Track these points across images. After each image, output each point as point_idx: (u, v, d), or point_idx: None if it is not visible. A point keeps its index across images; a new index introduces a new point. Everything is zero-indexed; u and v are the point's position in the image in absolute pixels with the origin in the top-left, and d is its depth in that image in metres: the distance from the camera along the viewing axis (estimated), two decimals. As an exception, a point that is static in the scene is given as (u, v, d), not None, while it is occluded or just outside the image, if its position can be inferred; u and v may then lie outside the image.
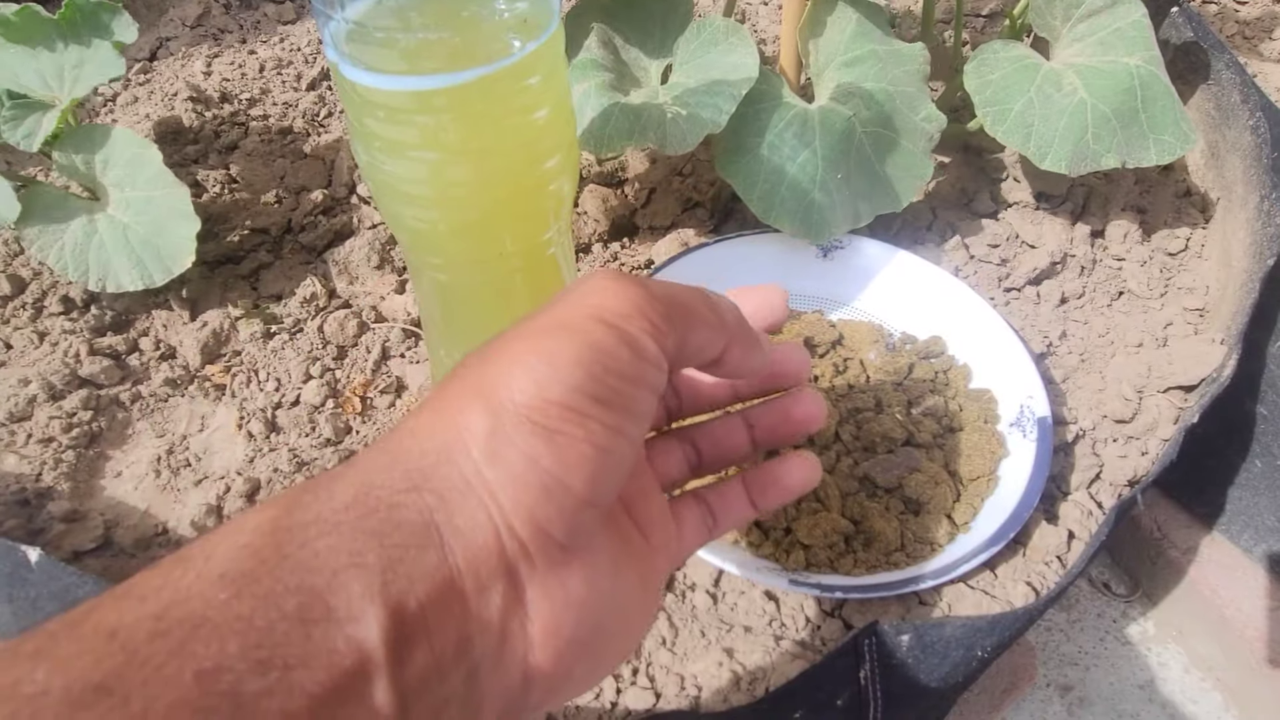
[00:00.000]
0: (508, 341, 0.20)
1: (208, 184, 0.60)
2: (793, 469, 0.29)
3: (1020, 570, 0.41)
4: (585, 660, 0.21)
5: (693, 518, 0.28)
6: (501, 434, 0.19)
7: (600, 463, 0.20)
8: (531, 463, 0.19)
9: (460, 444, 0.19)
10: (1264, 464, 0.49)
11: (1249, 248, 0.50)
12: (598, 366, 0.19)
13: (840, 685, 0.34)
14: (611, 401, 0.20)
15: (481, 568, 0.19)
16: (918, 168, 0.51)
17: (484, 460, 0.19)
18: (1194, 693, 0.53)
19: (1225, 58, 0.56)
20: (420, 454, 0.19)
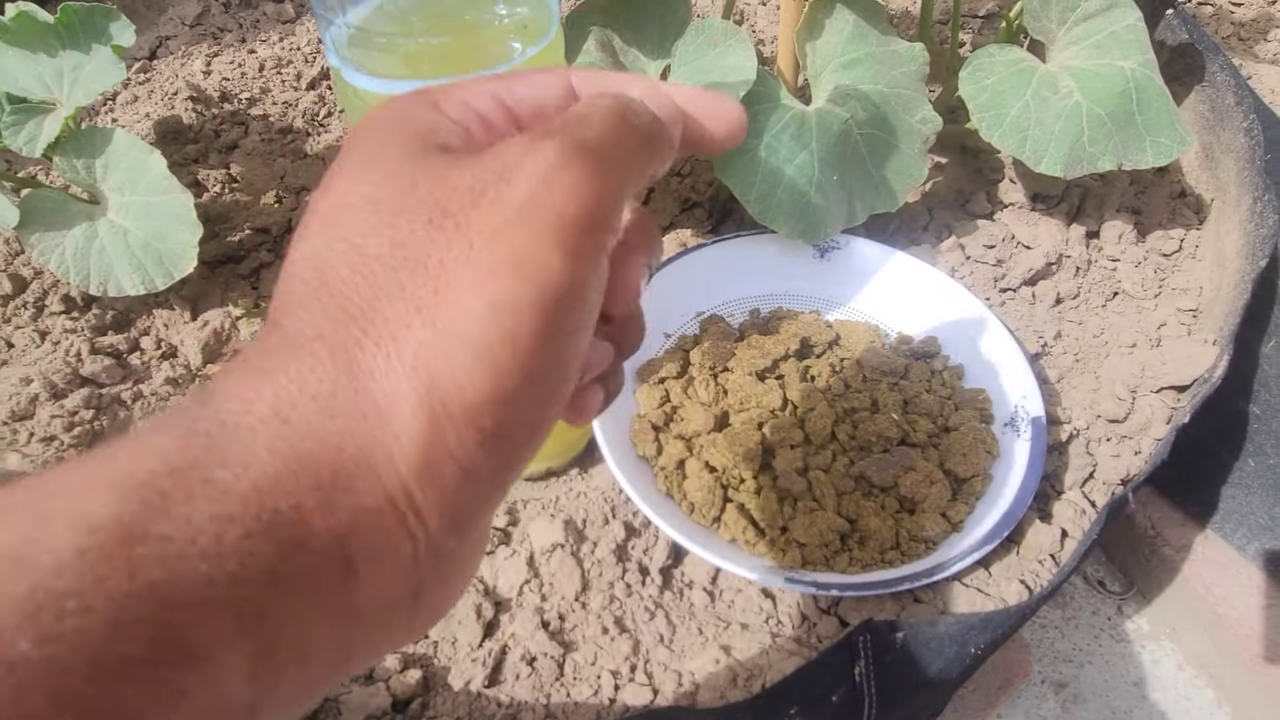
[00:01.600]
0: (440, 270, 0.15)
1: (208, 184, 0.61)
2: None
3: (1014, 568, 0.41)
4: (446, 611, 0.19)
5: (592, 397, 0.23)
6: (441, 446, 0.15)
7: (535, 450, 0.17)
8: (467, 476, 0.16)
9: (385, 453, 0.15)
10: (1256, 463, 0.50)
11: (1242, 249, 0.50)
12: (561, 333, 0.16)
13: (835, 682, 0.34)
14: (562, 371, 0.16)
15: (386, 588, 0.15)
16: (912, 169, 0.51)
17: (414, 476, 0.15)
18: (1187, 689, 0.53)
19: (1220, 60, 0.56)
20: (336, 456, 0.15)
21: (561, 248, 0.16)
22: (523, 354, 0.15)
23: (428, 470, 0.15)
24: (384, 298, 0.15)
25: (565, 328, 0.16)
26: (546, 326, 0.15)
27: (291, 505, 0.14)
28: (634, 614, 0.40)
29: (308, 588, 0.14)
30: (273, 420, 0.14)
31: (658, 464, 0.44)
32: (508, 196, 0.16)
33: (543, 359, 0.16)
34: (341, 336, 0.15)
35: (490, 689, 0.37)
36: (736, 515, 0.41)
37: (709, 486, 0.42)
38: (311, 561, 0.14)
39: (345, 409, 0.15)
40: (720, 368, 0.47)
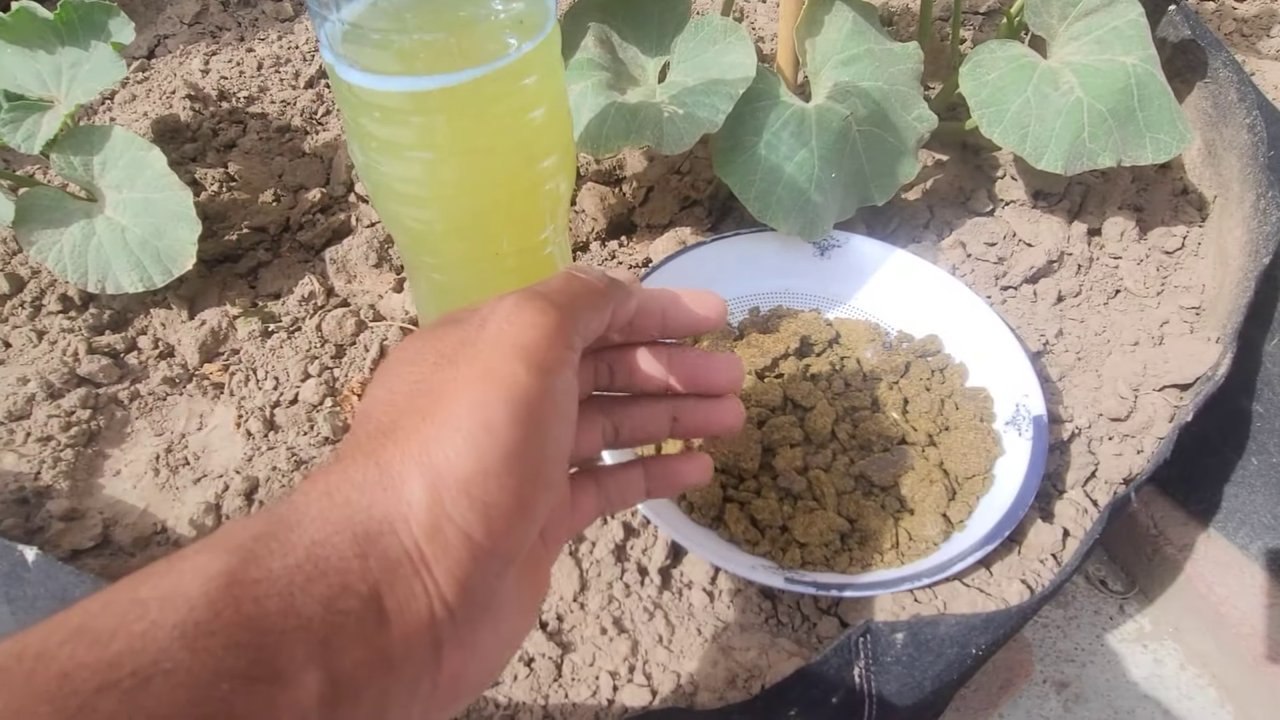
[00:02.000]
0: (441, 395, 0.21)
1: (206, 182, 0.61)
2: (691, 467, 0.30)
3: (1015, 568, 0.41)
4: (476, 690, 0.23)
5: (587, 502, 0.29)
6: (440, 510, 0.20)
7: (527, 524, 0.21)
8: (465, 538, 0.20)
9: (401, 517, 0.20)
10: (1260, 461, 0.49)
11: (1245, 246, 0.50)
12: (530, 422, 0.21)
13: (835, 683, 0.34)
14: (540, 455, 0.21)
15: (411, 634, 0.20)
16: (905, 167, 0.51)
17: (423, 536, 0.20)
18: (1190, 689, 0.53)
19: (1222, 56, 0.56)
20: (367, 519, 0.20)
21: (524, 361, 0.21)
22: (499, 437, 0.20)
23: (433, 531, 0.20)
24: (403, 416, 0.21)
25: (534, 419, 0.21)
26: (515, 416, 0.20)
27: (338, 556, 0.19)
28: (633, 614, 0.40)
29: (355, 630, 0.18)
30: (323, 498, 0.20)
31: (657, 463, 0.43)
32: (483, 335, 0.22)
33: (517, 443, 0.20)
34: (374, 444, 0.21)
35: (488, 690, 0.37)
36: (736, 515, 0.41)
37: (708, 486, 0.41)
38: (355, 605, 0.19)
39: (372, 485, 0.20)
40: (719, 366, 0.47)
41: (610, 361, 0.29)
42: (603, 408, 0.30)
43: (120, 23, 0.50)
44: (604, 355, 0.29)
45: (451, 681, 0.21)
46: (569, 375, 0.23)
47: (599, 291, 0.25)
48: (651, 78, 0.52)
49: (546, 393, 0.21)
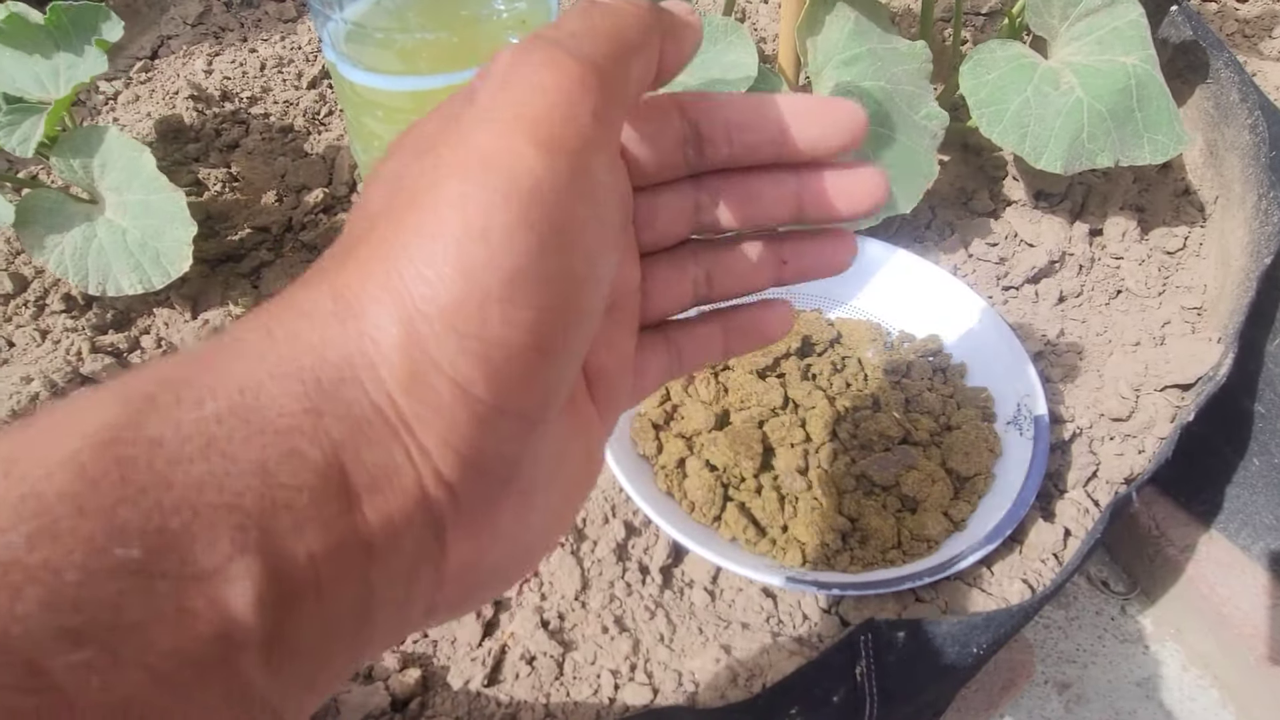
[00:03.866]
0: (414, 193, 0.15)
1: (209, 182, 0.61)
2: (775, 316, 0.24)
3: (1016, 568, 0.41)
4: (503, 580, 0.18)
5: (656, 362, 0.23)
6: (419, 352, 0.14)
7: (552, 371, 0.15)
8: (460, 390, 0.14)
9: (367, 361, 0.14)
10: (1261, 462, 0.49)
11: (1247, 246, 0.50)
12: (547, 225, 0.14)
13: (837, 682, 0.34)
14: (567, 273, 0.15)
15: (396, 516, 0.15)
16: (921, 166, 0.50)
17: (399, 387, 0.14)
18: (1192, 690, 0.53)
19: (1224, 56, 0.56)
20: (319, 361, 0.14)
21: (530, 138, 0.14)
22: (497, 249, 0.14)
23: (413, 380, 0.14)
24: (372, 226, 0.15)
25: (553, 221, 0.14)
26: (524, 217, 0.14)
27: (278, 410, 0.14)
28: (634, 613, 0.40)
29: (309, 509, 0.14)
30: (258, 333, 0.14)
31: (658, 462, 0.43)
32: (472, 109, 0.15)
33: (527, 255, 0.14)
34: (331, 266, 0.15)
35: (489, 688, 0.37)
36: (737, 514, 0.41)
37: (709, 485, 0.41)
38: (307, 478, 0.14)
39: (325, 316, 0.14)
40: (721, 366, 0.47)
41: (713, 191, 0.21)
42: (694, 252, 0.22)
43: (109, 22, 0.51)
44: (705, 183, 0.21)
45: (464, 572, 0.16)
46: (606, 163, 0.16)
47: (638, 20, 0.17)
48: (653, 78, 0.52)
49: (571, 183, 0.15)
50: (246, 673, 0.13)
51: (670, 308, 0.22)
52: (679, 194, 0.21)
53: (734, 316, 0.23)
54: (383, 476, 0.14)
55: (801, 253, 0.23)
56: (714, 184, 0.21)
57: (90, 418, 0.13)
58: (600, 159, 0.16)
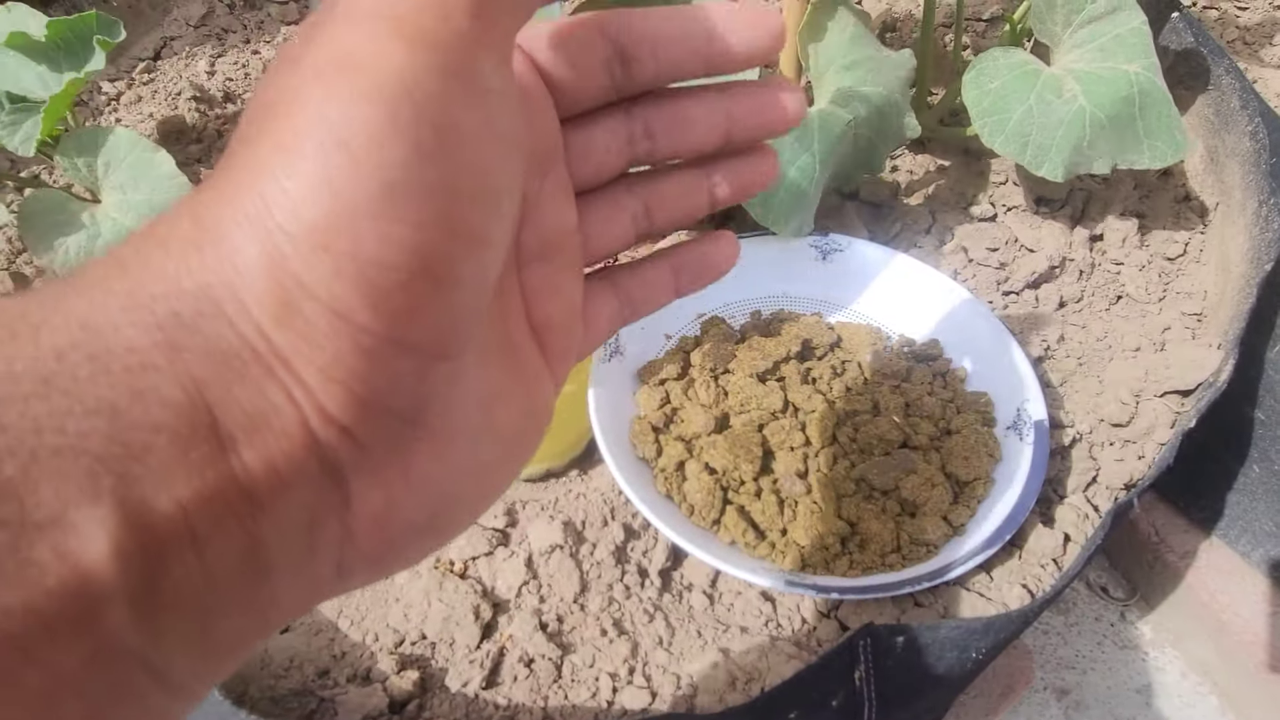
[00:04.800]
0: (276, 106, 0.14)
1: (210, 183, 0.61)
2: (722, 248, 0.23)
3: (1016, 573, 0.41)
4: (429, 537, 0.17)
5: (607, 311, 0.22)
6: (286, 275, 0.13)
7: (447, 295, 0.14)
8: (338, 319, 0.13)
9: (230, 291, 0.13)
10: (1261, 469, 0.49)
11: (1247, 253, 0.50)
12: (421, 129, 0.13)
13: (835, 686, 0.34)
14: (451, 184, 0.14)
15: (280, 462, 0.13)
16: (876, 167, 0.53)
17: (269, 320, 0.13)
18: (1191, 697, 0.53)
19: (1225, 63, 0.56)
20: (174, 291, 0.13)
21: (399, 35, 0.13)
22: (364, 157, 0.13)
23: (284, 309, 0.13)
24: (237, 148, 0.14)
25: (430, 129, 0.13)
26: (393, 123, 0.13)
27: (127, 345, 0.12)
28: (633, 616, 0.40)
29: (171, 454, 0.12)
30: (110, 264, 0.13)
31: (657, 465, 0.43)
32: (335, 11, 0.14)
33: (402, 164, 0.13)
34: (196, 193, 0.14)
35: (488, 691, 0.37)
36: (736, 517, 0.41)
37: (709, 488, 0.41)
38: (165, 418, 0.12)
39: (181, 243, 0.13)
40: (721, 369, 0.47)
41: (646, 118, 0.20)
42: (628, 186, 0.21)
43: (109, 24, 0.51)
44: (636, 110, 0.20)
45: (377, 526, 0.15)
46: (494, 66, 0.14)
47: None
48: (655, 82, 0.52)
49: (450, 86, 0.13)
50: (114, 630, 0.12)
51: (613, 245, 0.22)
52: (611, 126, 0.20)
53: (680, 254, 0.23)
54: (259, 417, 0.13)
55: (733, 171, 0.22)
56: (644, 113, 0.20)
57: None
58: (485, 60, 0.14)
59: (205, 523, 0.13)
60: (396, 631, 0.39)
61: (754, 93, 0.20)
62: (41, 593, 0.11)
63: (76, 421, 0.12)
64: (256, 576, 0.14)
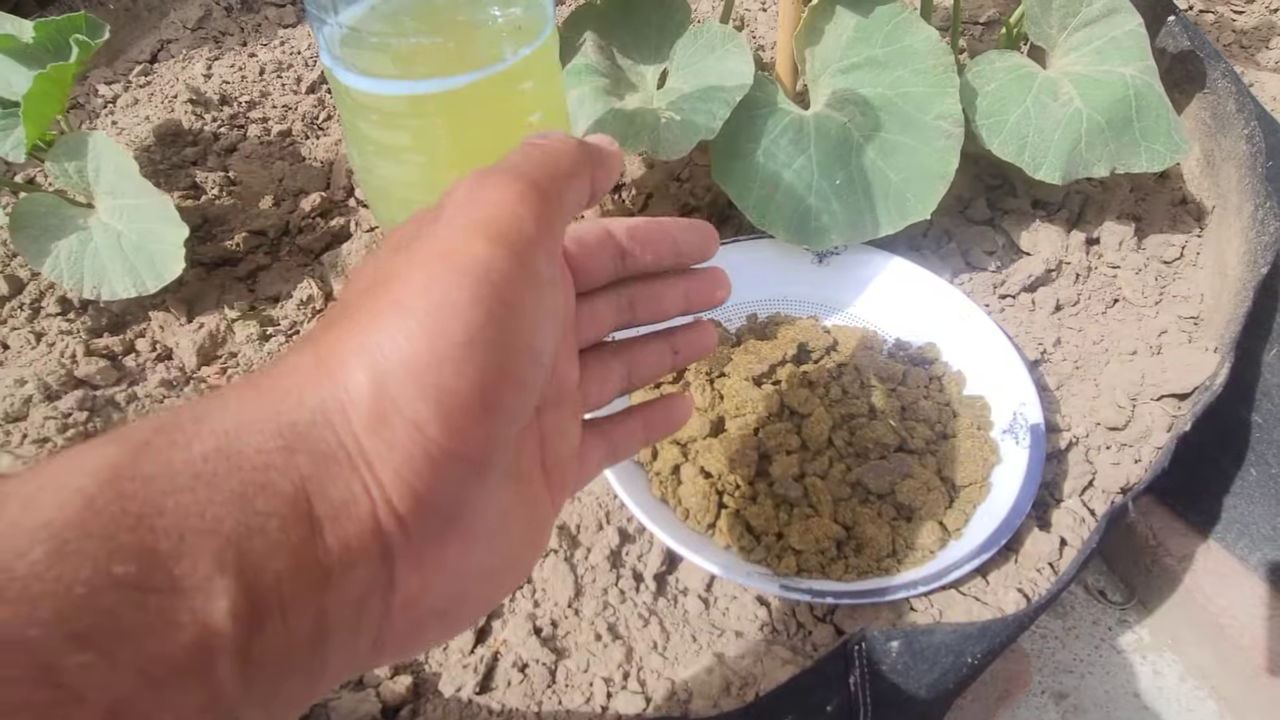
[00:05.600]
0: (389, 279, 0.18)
1: (206, 186, 0.61)
2: (679, 406, 0.31)
3: (1012, 577, 0.41)
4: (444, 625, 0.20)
5: (597, 453, 0.27)
6: (384, 398, 0.17)
7: (494, 422, 0.18)
8: (416, 431, 0.17)
9: (338, 406, 0.17)
10: (1259, 472, 0.49)
11: (1243, 256, 0.50)
12: (495, 303, 0.18)
13: (830, 691, 0.34)
14: (510, 343, 0.18)
15: (352, 544, 0.17)
16: (934, 167, 0.48)
17: (364, 429, 0.17)
18: (1189, 701, 0.53)
19: (1221, 67, 0.56)
20: (296, 406, 0.17)
21: (485, 237, 0.18)
22: (455, 318, 0.17)
23: (376, 421, 0.17)
24: (351, 305, 0.19)
25: (500, 300, 0.18)
26: (476, 295, 0.18)
27: (256, 449, 0.16)
28: (627, 621, 0.39)
29: (278, 535, 0.16)
30: (246, 388, 0.17)
31: (652, 469, 0.43)
32: (440, 217, 0.19)
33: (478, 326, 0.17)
34: (316, 334, 0.18)
35: (481, 696, 0.37)
36: (732, 522, 0.41)
37: (704, 492, 0.41)
38: (277, 506, 0.16)
39: (306, 371, 0.17)
40: (717, 373, 0.47)
41: (631, 296, 0.28)
42: (616, 352, 0.29)
43: (95, 26, 0.51)
44: (624, 290, 0.28)
45: (409, 607, 0.18)
46: (548, 260, 0.20)
47: (569, 154, 0.22)
48: (650, 85, 0.52)
49: (517, 273, 0.18)
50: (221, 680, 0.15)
51: (606, 397, 0.28)
52: (608, 299, 0.27)
53: (649, 411, 0.30)
54: (342, 506, 0.17)
55: (686, 342, 0.30)
56: (629, 291, 0.28)
57: (95, 458, 0.15)
58: (541, 254, 0.19)
59: (292, 592, 0.16)
60: (390, 636, 0.39)
61: (702, 279, 0.30)
62: (179, 646, 0.14)
63: (215, 509, 0.15)
64: (319, 643, 0.17)
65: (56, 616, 0.13)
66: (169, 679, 0.14)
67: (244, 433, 0.16)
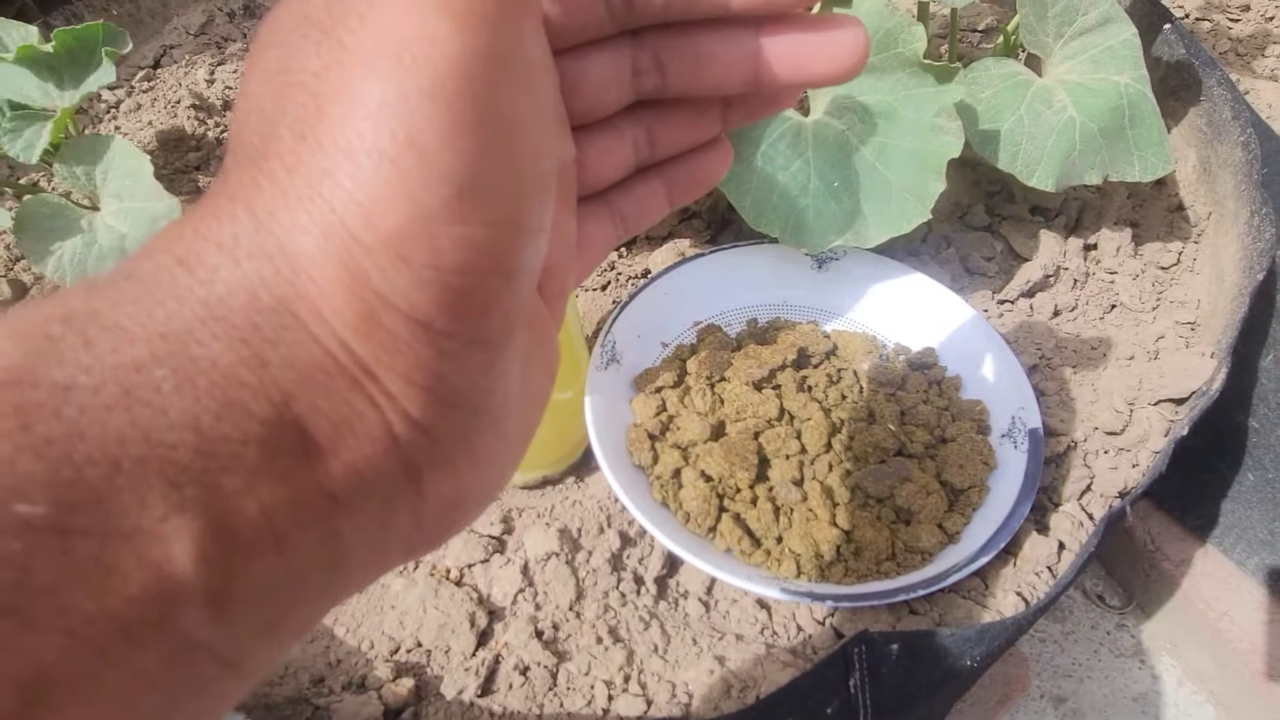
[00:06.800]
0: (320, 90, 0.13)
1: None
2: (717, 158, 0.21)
3: (1010, 580, 0.41)
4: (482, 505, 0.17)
5: (601, 235, 0.21)
6: (369, 293, 0.13)
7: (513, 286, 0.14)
8: (420, 327, 0.13)
9: (306, 302, 0.13)
10: (1255, 477, 0.50)
11: (1239, 262, 0.50)
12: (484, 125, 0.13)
13: (830, 694, 0.34)
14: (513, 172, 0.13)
15: (363, 466, 0.14)
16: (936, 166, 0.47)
17: (350, 331, 0.13)
18: (1187, 705, 0.53)
19: (1217, 74, 0.56)
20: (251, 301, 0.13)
21: (447, 12, 0.12)
22: (434, 156, 0.12)
23: (364, 320, 0.13)
24: (273, 129, 0.13)
25: (489, 114, 0.13)
26: (458, 115, 0.12)
27: (210, 359, 0.12)
28: (628, 624, 0.40)
29: (259, 463, 0.12)
30: (178, 269, 0.13)
31: (653, 473, 0.43)
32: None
33: (470, 159, 0.13)
34: (241, 180, 0.13)
35: (483, 699, 0.37)
36: (732, 525, 0.41)
37: (705, 496, 0.42)
38: (253, 430, 0.12)
39: (250, 252, 0.13)
40: (717, 377, 0.47)
41: (657, 49, 0.18)
42: (631, 111, 0.20)
43: (115, 34, 0.52)
44: (644, 42, 0.18)
45: (442, 508, 0.15)
46: (532, 32, 0.14)
47: None
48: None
49: (501, 66, 0.13)
50: (189, 629, 0.12)
51: (611, 176, 0.20)
52: (613, 58, 0.18)
53: (673, 167, 0.21)
54: (344, 425, 0.13)
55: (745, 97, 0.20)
56: (654, 43, 0.18)
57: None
58: (528, 30, 0.14)
59: (287, 524, 0.13)
60: (392, 639, 0.39)
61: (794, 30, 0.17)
62: (123, 599, 0.11)
63: (162, 434, 0.12)
64: (335, 568, 0.14)
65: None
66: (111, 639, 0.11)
67: (189, 335, 0.12)
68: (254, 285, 0.13)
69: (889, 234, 0.48)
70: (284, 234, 0.13)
